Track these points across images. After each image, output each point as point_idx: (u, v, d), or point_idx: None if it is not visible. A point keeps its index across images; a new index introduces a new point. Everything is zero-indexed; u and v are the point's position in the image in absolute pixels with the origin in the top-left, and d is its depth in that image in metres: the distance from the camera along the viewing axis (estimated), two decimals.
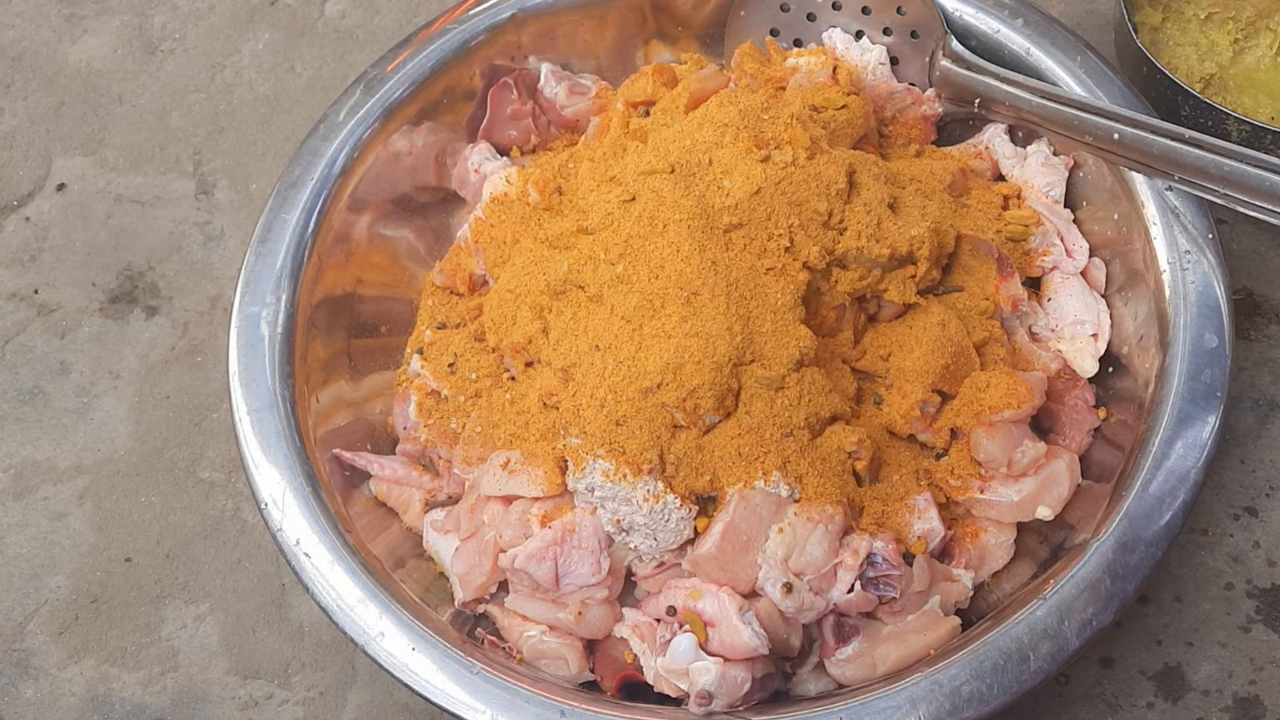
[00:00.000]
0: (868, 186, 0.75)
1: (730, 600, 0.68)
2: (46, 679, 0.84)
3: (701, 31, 0.95)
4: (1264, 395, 0.88)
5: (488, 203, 0.86)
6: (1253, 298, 0.92)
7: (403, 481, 0.80)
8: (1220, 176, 0.73)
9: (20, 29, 1.12)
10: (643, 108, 0.88)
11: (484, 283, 0.86)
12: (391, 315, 0.87)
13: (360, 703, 0.82)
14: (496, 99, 0.91)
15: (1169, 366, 0.74)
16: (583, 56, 0.94)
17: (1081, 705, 0.79)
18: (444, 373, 0.80)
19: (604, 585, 0.71)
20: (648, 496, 0.69)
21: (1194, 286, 0.76)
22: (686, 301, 0.70)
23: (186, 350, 0.96)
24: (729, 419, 0.70)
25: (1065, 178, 0.86)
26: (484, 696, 0.67)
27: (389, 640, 0.68)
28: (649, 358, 0.69)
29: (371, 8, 1.11)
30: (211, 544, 0.88)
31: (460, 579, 0.74)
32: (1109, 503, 0.71)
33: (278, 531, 0.72)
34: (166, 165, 1.04)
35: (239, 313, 0.79)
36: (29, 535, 0.89)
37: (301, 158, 0.84)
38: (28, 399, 0.94)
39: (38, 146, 1.05)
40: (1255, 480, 0.85)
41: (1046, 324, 0.81)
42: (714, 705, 0.67)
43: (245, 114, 1.06)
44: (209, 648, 0.84)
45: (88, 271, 0.99)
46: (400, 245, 0.89)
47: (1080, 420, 0.78)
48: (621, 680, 0.71)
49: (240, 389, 0.76)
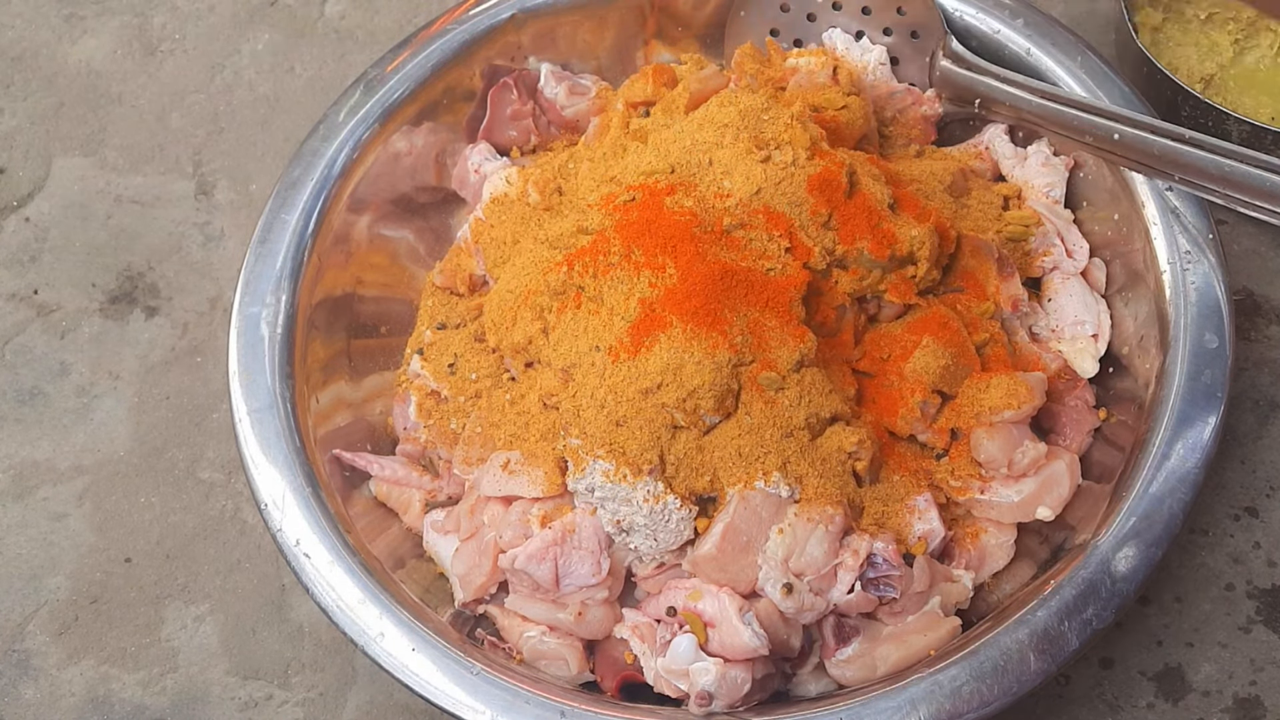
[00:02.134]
0: (868, 187, 0.75)
1: (730, 601, 0.68)
2: (46, 679, 0.84)
3: (701, 31, 0.95)
4: (1264, 395, 0.88)
5: (488, 203, 0.86)
6: (1253, 298, 0.92)
7: (403, 482, 0.80)
8: (1220, 176, 0.73)
9: (20, 29, 1.12)
10: (643, 108, 0.88)
11: (484, 283, 0.86)
12: (391, 315, 0.87)
13: (360, 703, 0.82)
14: (496, 99, 0.91)
15: (1169, 367, 0.74)
16: (583, 57, 0.94)
17: (1081, 706, 0.79)
18: (444, 373, 0.80)
19: (604, 586, 0.71)
20: (648, 497, 0.69)
21: (1194, 287, 0.76)
22: (686, 302, 0.70)
23: (186, 350, 0.96)
24: (729, 419, 0.70)
25: (1065, 178, 0.86)
26: (484, 697, 0.67)
27: (389, 641, 0.68)
28: (649, 358, 0.69)
29: (371, 8, 1.11)
30: (211, 544, 0.88)
31: (460, 579, 0.74)
32: (1109, 503, 0.71)
33: (278, 532, 0.72)
34: (166, 165, 1.04)
35: (239, 313, 0.79)
36: (29, 536, 0.89)
37: (301, 158, 0.84)
38: (28, 399, 0.94)
39: (38, 146, 1.05)
40: (1255, 480, 0.85)
41: (1047, 324, 0.81)
42: (714, 706, 0.67)
43: (245, 114, 1.06)
44: (209, 648, 0.84)
45: (88, 272, 0.99)
46: (400, 245, 0.89)
47: (1080, 421, 0.78)
48: (621, 681, 0.71)
49: (240, 389, 0.76)
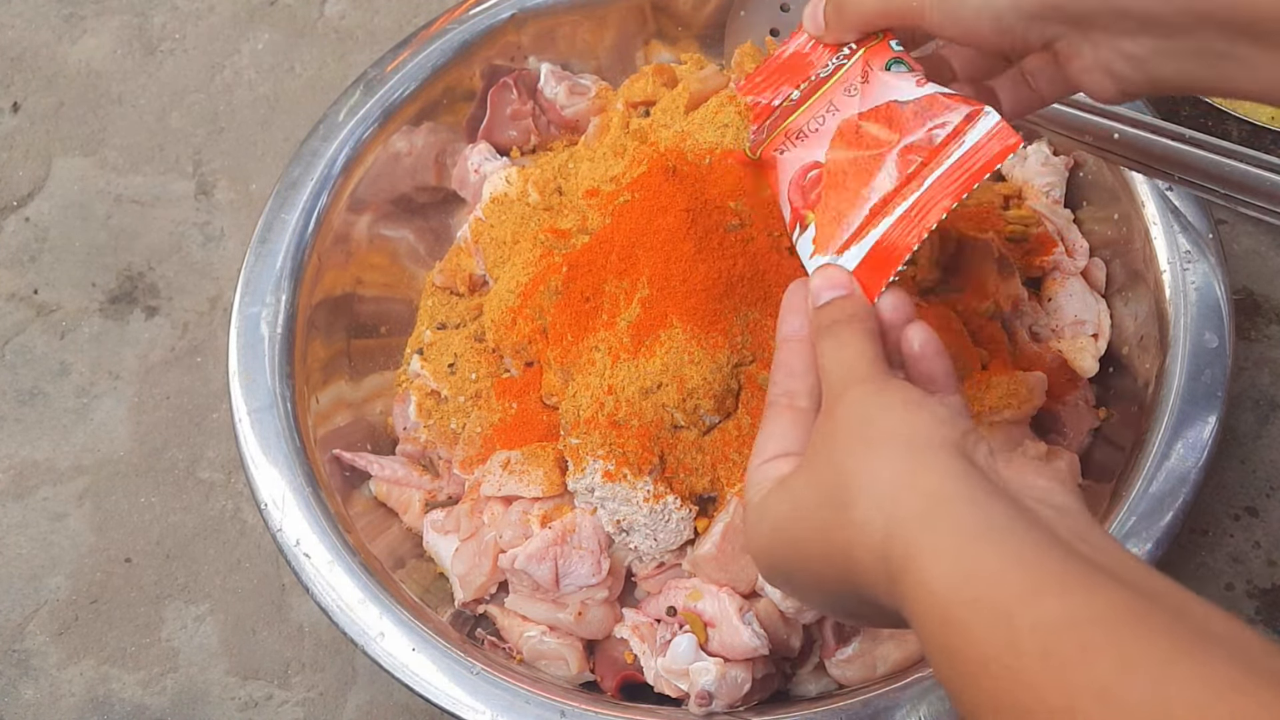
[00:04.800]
0: None
1: (730, 600, 0.68)
2: (46, 679, 0.84)
3: (701, 31, 0.95)
4: (1264, 395, 0.88)
5: (488, 203, 0.86)
6: (1253, 298, 0.92)
7: (403, 482, 0.80)
8: (1220, 176, 0.73)
9: (20, 29, 1.12)
10: (643, 108, 0.88)
11: (484, 283, 0.86)
12: (391, 315, 0.87)
13: (360, 703, 0.82)
14: (496, 99, 0.91)
15: (1169, 366, 0.74)
16: (583, 56, 0.94)
17: None
18: (444, 373, 0.80)
19: (604, 586, 0.71)
20: (648, 497, 0.69)
21: (1194, 286, 0.76)
22: (686, 302, 0.70)
23: (186, 350, 0.96)
24: (729, 419, 0.70)
25: (1065, 178, 0.86)
26: (484, 697, 0.67)
27: (389, 641, 0.68)
28: (649, 358, 0.69)
29: (371, 8, 1.11)
30: (211, 544, 0.88)
31: (460, 579, 0.74)
32: (1109, 503, 0.71)
33: (278, 532, 0.72)
34: (166, 165, 1.04)
35: (239, 313, 0.79)
36: (29, 536, 0.89)
37: (301, 158, 0.84)
38: (28, 399, 0.94)
39: (38, 146, 1.05)
40: (1255, 480, 0.85)
41: (1047, 324, 0.81)
42: (714, 705, 0.67)
43: (245, 114, 1.06)
44: (209, 648, 0.84)
45: (88, 272, 0.99)
46: (400, 245, 0.89)
47: (1080, 420, 0.78)
48: (621, 681, 0.71)
49: (240, 389, 0.76)
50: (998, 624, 0.37)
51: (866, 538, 0.42)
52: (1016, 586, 0.37)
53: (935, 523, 0.40)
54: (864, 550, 0.43)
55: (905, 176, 0.55)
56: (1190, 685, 0.33)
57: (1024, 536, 0.39)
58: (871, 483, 0.43)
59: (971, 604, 0.37)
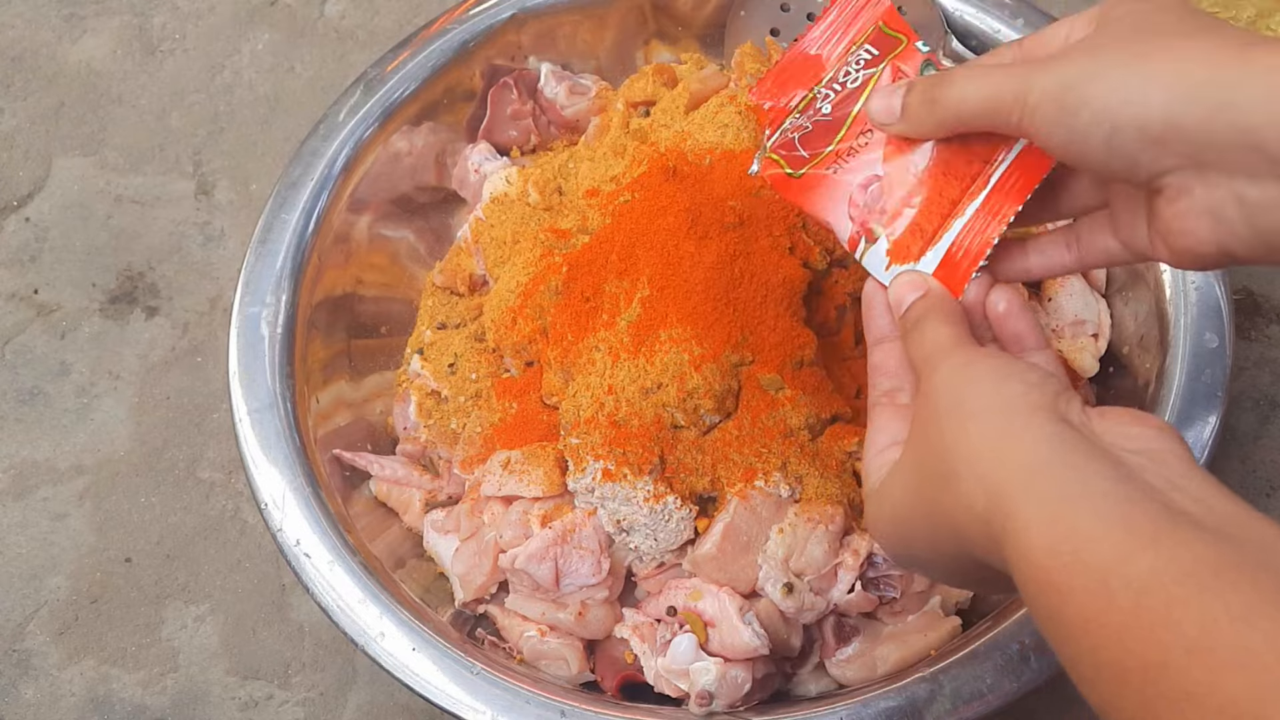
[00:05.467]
0: None
1: (731, 600, 0.68)
2: (46, 679, 0.84)
3: (701, 31, 0.95)
4: (1264, 395, 0.88)
5: (488, 203, 0.86)
6: (1253, 298, 0.92)
7: (403, 482, 0.80)
8: None
9: (20, 29, 1.12)
10: (643, 108, 0.88)
11: (484, 283, 0.86)
12: (391, 315, 0.87)
13: (360, 703, 0.82)
14: (496, 99, 0.91)
15: (1169, 366, 0.74)
16: (583, 56, 0.94)
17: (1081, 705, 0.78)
18: (444, 373, 0.80)
19: (604, 586, 0.71)
20: (648, 496, 0.69)
21: (1194, 286, 0.76)
22: (686, 302, 0.70)
23: (186, 350, 0.96)
24: (729, 419, 0.70)
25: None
26: (484, 697, 0.67)
27: (389, 641, 0.68)
28: (649, 358, 0.69)
29: (371, 8, 1.11)
30: (211, 544, 0.88)
31: (460, 579, 0.74)
32: None
33: (278, 532, 0.72)
34: (166, 165, 1.04)
35: (239, 313, 0.79)
36: (29, 535, 0.89)
37: (301, 158, 0.84)
38: (28, 399, 0.94)
39: (38, 146, 1.05)
40: (1255, 480, 0.85)
41: (1047, 324, 0.81)
42: (714, 705, 0.67)
43: (245, 114, 1.06)
44: (209, 648, 0.84)
45: (88, 272, 0.99)
46: (400, 245, 0.89)
47: None
48: (622, 680, 0.71)
49: (240, 389, 0.76)
50: (1094, 586, 0.38)
51: (970, 510, 0.44)
52: (1110, 548, 0.39)
53: (1031, 491, 0.42)
54: (969, 522, 0.45)
55: (969, 176, 0.56)
56: (1274, 634, 0.35)
57: (1118, 495, 0.40)
58: (969, 456, 0.45)
59: (1069, 568, 0.39)
